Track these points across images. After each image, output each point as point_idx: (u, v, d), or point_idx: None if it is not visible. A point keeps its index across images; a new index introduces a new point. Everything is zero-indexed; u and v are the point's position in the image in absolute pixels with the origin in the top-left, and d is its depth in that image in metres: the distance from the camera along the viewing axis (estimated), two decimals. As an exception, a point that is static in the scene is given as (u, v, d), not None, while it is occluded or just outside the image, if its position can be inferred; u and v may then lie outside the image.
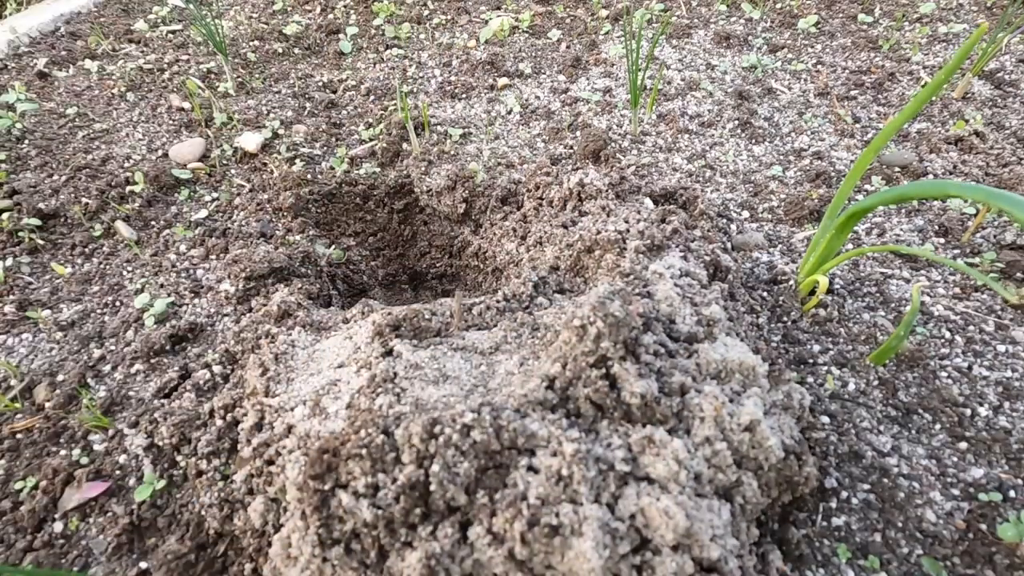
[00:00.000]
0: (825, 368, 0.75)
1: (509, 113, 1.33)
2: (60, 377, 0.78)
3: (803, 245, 0.95)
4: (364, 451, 0.45)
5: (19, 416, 0.73)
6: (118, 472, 0.67)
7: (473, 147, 1.23)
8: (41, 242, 1.00)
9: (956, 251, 0.91)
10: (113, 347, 0.83)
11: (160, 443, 0.68)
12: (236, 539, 0.60)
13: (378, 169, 1.20)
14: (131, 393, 0.76)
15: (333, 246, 1.07)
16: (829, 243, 0.75)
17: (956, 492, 0.61)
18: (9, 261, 0.96)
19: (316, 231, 1.09)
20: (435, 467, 0.43)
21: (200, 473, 0.64)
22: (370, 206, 1.18)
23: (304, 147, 1.25)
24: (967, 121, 1.17)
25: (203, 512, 0.62)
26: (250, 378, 0.67)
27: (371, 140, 1.27)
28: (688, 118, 1.27)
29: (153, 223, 1.06)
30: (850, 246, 0.95)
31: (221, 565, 0.59)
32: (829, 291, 0.85)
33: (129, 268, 0.97)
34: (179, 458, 0.67)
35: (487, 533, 0.42)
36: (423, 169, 1.15)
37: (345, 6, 1.84)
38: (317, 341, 0.72)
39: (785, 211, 1.03)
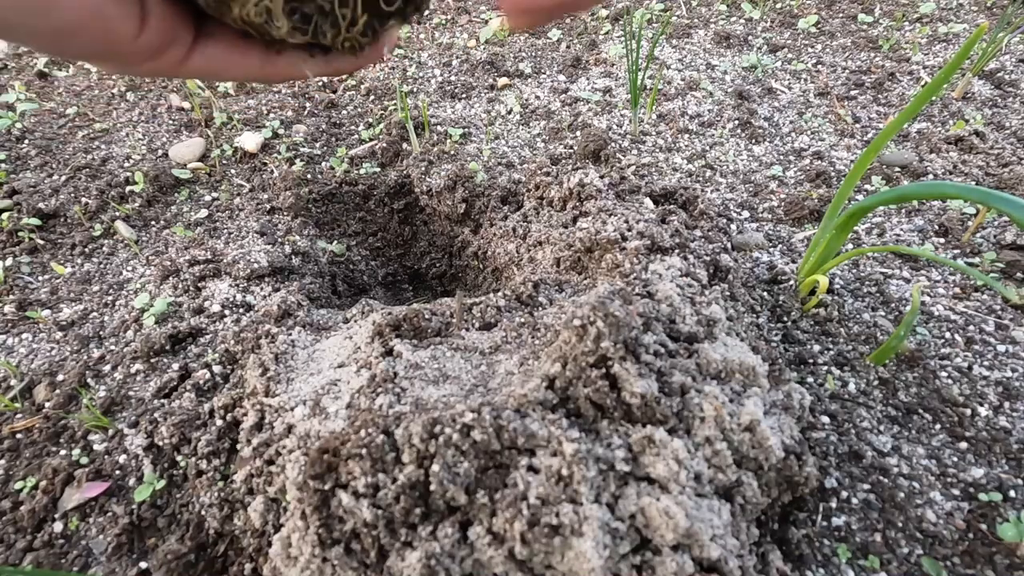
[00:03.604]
0: (825, 368, 0.75)
1: (509, 113, 1.33)
2: (60, 377, 0.78)
3: (803, 245, 0.95)
4: (364, 451, 0.45)
5: (19, 416, 0.73)
6: (118, 472, 0.67)
7: (473, 147, 1.23)
8: (41, 242, 1.00)
9: (956, 251, 0.91)
10: (113, 347, 0.83)
11: (160, 443, 0.68)
12: (236, 539, 0.60)
13: (378, 169, 1.20)
14: (131, 393, 0.76)
15: (335, 242, 1.07)
16: (829, 243, 0.76)
17: (956, 492, 0.61)
18: (9, 261, 0.96)
19: (316, 231, 1.09)
20: (435, 467, 0.43)
21: (200, 473, 0.64)
22: (370, 206, 1.18)
23: (304, 147, 1.25)
24: (967, 121, 1.17)
25: (203, 512, 0.62)
26: (250, 378, 0.67)
27: (371, 140, 1.27)
28: (688, 118, 1.27)
29: (153, 223, 1.06)
30: (850, 246, 0.95)
31: (221, 565, 0.59)
32: (829, 291, 0.85)
33: (129, 268, 0.97)
34: (179, 458, 0.67)
35: (487, 533, 0.42)
36: (423, 169, 1.15)
37: (345, 6, 1.84)
38: (317, 341, 0.72)
39: (785, 211, 1.03)
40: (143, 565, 0.60)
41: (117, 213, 1.06)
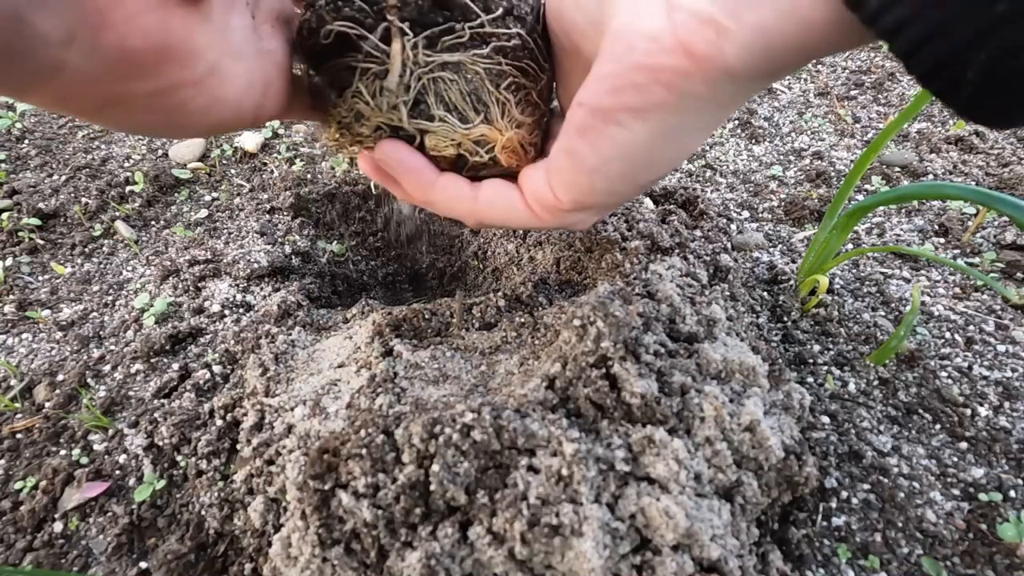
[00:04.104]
0: (825, 368, 0.75)
1: (509, 113, 1.33)
2: (60, 377, 0.78)
3: (803, 245, 0.95)
4: (364, 451, 0.45)
5: (19, 416, 0.73)
6: (118, 472, 0.67)
7: (473, 147, 1.23)
8: (41, 242, 1.00)
9: (956, 251, 0.91)
10: (113, 347, 0.83)
11: (160, 443, 0.68)
12: (236, 539, 0.60)
13: (378, 169, 1.20)
14: (131, 393, 0.76)
15: (335, 242, 1.07)
16: (829, 243, 0.76)
17: (956, 492, 0.61)
18: (9, 261, 0.96)
19: (316, 231, 1.09)
20: (435, 467, 0.43)
21: (200, 473, 0.64)
22: (370, 206, 1.18)
23: (304, 147, 1.25)
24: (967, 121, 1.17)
25: (203, 512, 0.62)
26: (250, 378, 0.67)
27: (371, 140, 1.27)
28: (688, 118, 1.27)
29: (153, 223, 1.06)
30: (850, 246, 0.95)
31: (221, 565, 0.59)
32: (829, 291, 0.85)
33: (129, 268, 0.97)
34: (179, 458, 0.67)
35: (487, 533, 0.42)
36: (423, 169, 1.15)
37: (345, 6, 1.83)
38: (317, 341, 0.72)
39: (785, 211, 1.03)
40: (143, 565, 0.60)
41: (117, 213, 1.06)
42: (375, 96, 0.41)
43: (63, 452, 0.70)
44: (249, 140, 1.22)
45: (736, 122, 1.24)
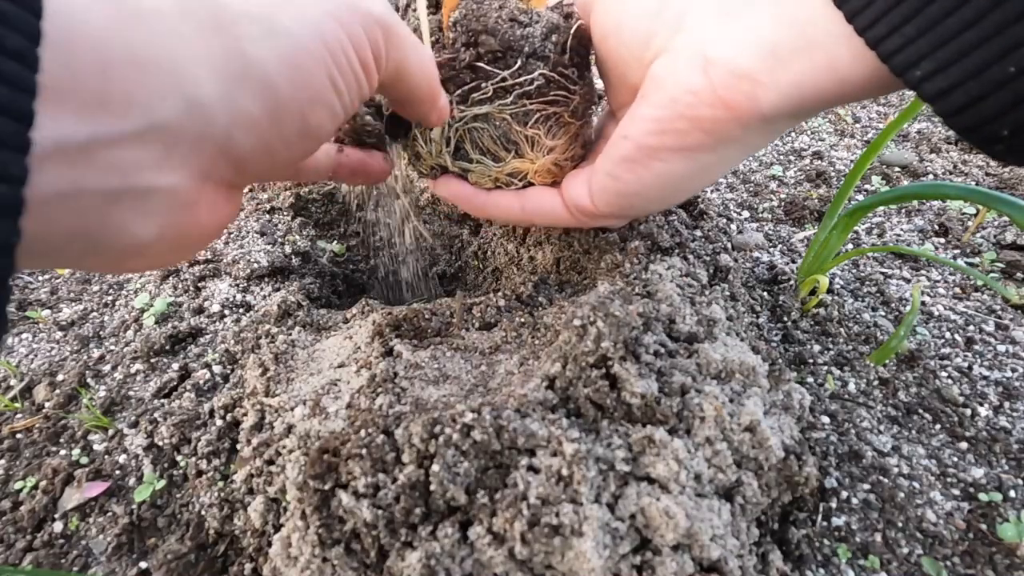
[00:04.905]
0: (825, 368, 0.75)
1: (509, 113, 1.33)
2: (60, 377, 0.78)
3: (803, 245, 0.95)
4: (364, 451, 0.45)
5: (19, 416, 0.73)
6: (118, 472, 0.67)
7: (473, 147, 1.23)
8: (41, 242, 1.00)
9: (956, 251, 0.91)
10: (113, 347, 0.83)
11: (160, 443, 0.68)
12: (236, 539, 0.60)
13: (378, 169, 1.20)
14: (131, 393, 0.76)
15: (335, 242, 1.07)
16: (829, 243, 0.76)
17: (956, 492, 0.61)
18: (9, 261, 0.96)
19: (316, 231, 1.09)
20: (435, 467, 0.43)
21: (200, 473, 0.64)
22: (370, 206, 1.18)
23: (304, 147, 1.25)
24: (967, 121, 1.17)
25: (203, 512, 0.62)
26: (250, 378, 0.67)
27: (371, 140, 1.27)
28: (688, 118, 1.27)
29: (153, 223, 1.06)
30: (850, 246, 0.95)
31: (221, 565, 0.59)
32: (829, 291, 0.85)
33: (129, 268, 0.97)
34: (179, 458, 0.67)
35: (487, 533, 0.42)
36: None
37: (345, 6, 1.83)
38: (317, 341, 0.72)
39: (785, 211, 1.03)
40: (143, 565, 0.60)
41: (117, 213, 1.06)
42: (427, 143, 0.50)
43: (63, 452, 0.70)
44: (249, 140, 1.22)
45: (736, 122, 1.24)
